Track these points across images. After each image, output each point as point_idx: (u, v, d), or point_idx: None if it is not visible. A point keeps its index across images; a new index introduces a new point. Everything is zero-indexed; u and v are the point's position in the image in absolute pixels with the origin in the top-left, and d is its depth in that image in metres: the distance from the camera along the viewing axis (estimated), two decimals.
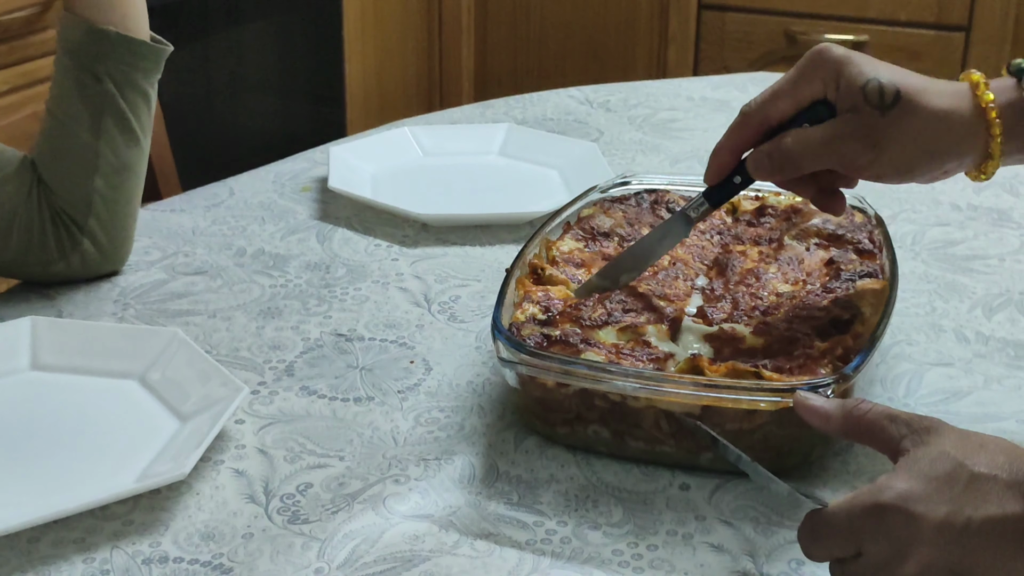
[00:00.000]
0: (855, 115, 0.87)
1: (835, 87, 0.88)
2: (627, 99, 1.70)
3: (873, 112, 0.87)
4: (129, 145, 1.14)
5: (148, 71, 1.13)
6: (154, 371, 0.99)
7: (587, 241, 1.07)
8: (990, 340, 1.08)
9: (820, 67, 0.89)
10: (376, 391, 1.00)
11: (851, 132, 0.88)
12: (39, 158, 1.14)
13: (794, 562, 0.81)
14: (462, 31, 3.11)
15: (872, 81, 0.87)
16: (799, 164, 0.90)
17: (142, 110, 1.14)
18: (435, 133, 1.52)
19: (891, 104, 0.86)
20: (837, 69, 0.88)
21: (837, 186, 0.95)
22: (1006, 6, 2.69)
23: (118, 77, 1.11)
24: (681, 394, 0.85)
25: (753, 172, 0.93)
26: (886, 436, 0.76)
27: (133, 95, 1.13)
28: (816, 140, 0.89)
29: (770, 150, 0.91)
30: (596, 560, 0.81)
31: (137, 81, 1.13)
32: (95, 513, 0.84)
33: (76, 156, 1.13)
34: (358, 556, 0.81)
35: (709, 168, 0.96)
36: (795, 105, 0.90)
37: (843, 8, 2.80)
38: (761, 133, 0.92)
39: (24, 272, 1.15)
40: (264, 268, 1.20)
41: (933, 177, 0.91)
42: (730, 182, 0.96)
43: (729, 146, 0.94)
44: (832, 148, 0.89)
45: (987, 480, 0.70)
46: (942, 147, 0.88)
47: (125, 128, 1.13)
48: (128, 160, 1.14)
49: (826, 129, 0.89)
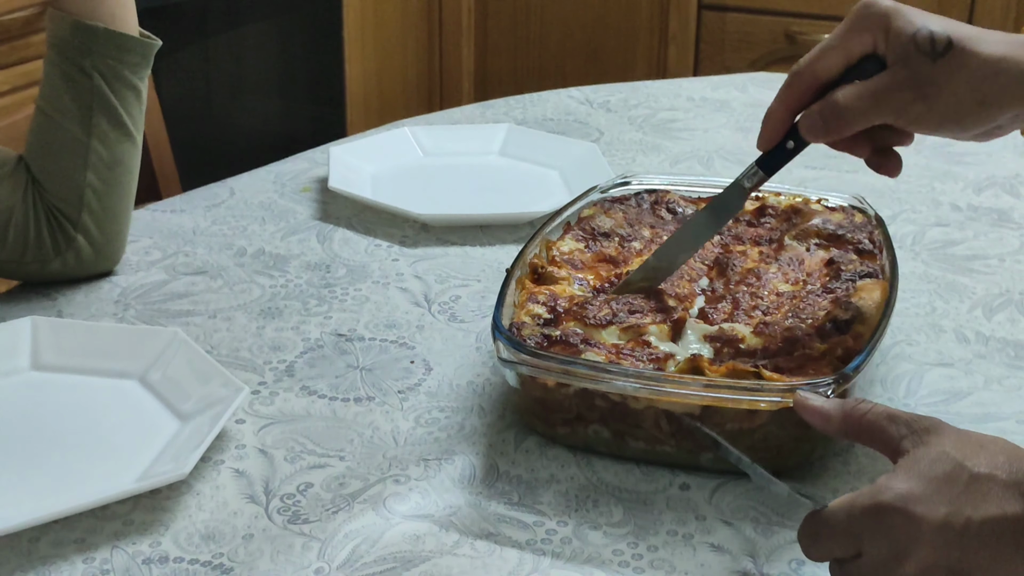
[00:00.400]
0: (905, 65, 0.85)
1: (884, 39, 0.86)
2: (627, 99, 1.70)
3: (924, 60, 0.84)
4: (120, 140, 1.14)
5: (136, 66, 1.13)
6: (154, 371, 0.99)
7: (587, 241, 1.07)
8: (990, 340, 1.08)
9: (868, 19, 0.87)
10: (376, 391, 1.00)
11: (902, 82, 0.85)
12: (30, 155, 1.14)
13: (794, 562, 0.81)
14: (462, 31, 3.11)
15: (923, 29, 0.85)
16: (851, 120, 0.88)
17: (132, 105, 1.14)
18: (435, 133, 1.52)
19: (943, 51, 0.84)
20: (885, 20, 0.86)
21: (892, 144, 0.92)
22: (1006, 6, 2.69)
23: (106, 72, 1.11)
24: (681, 394, 0.85)
25: (806, 134, 0.91)
26: (886, 436, 0.76)
27: (122, 89, 1.13)
28: (867, 93, 0.86)
29: (820, 108, 0.89)
30: (596, 560, 0.81)
31: (125, 75, 1.13)
32: (95, 513, 0.84)
33: (67, 152, 1.13)
34: (358, 556, 0.81)
35: (761, 134, 0.93)
36: (844, 60, 0.88)
37: (843, 8, 2.77)
38: (812, 93, 0.90)
39: (21, 272, 1.16)
40: (264, 268, 1.20)
41: (987, 132, 0.88)
42: (783, 148, 0.93)
43: (780, 109, 0.92)
44: (883, 100, 0.86)
45: (987, 480, 0.70)
46: (995, 96, 0.85)
47: (115, 123, 1.13)
48: (120, 155, 1.15)
49: (877, 81, 0.86)
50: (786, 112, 0.92)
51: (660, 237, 1.08)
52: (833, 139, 0.91)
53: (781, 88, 0.91)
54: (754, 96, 1.71)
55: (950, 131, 0.88)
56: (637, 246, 1.07)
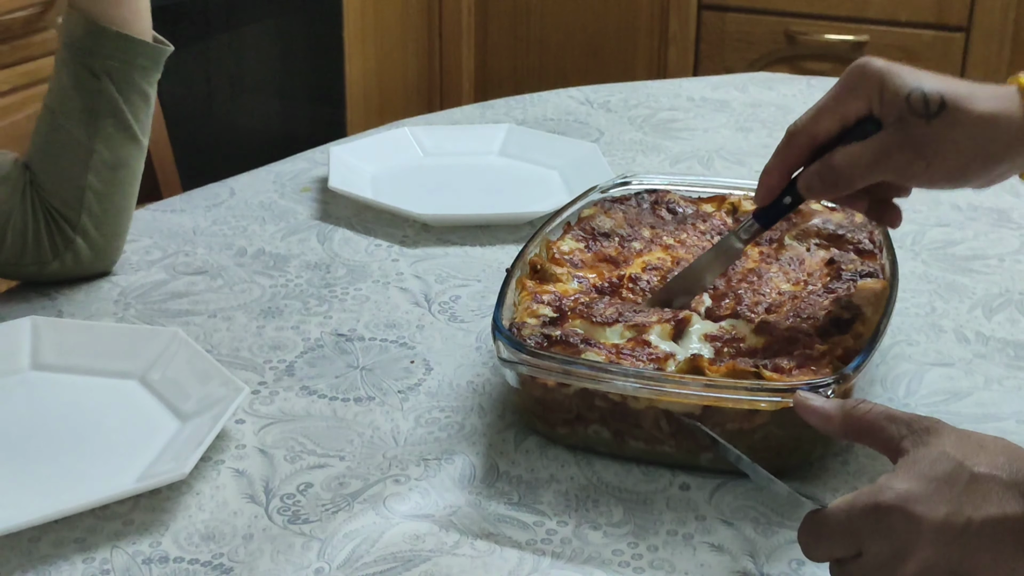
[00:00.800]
0: (901, 126, 0.86)
1: (879, 100, 0.87)
2: (627, 99, 1.70)
3: (919, 121, 0.86)
4: (125, 143, 1.14)
5: (147, 70, 1.14)
6: (154, 371, 0.99)
7: (587, 241, 1.07)
8: (990, 340, 1.08)
9: (862, 82, 0.88)
10: (376, 391, 1.00)
11: (899, 144, 0.87)
12: (33, 153, 1.14)
13: (794, 562, 0.81)
14: (462, 31, 3.11)
15: (916, 91, 0.86)
16: (851, 181, 0.90)
17: (140, 108, 1.14)
18: (435, 133, 1.52)
19: (936, 112, 0.86)
20: (879, 82, 0.87)
21: (891, 196, 0.95)
22: (1006, 6, 2.69)
23: (116, 75, 1.11)
24: (681, 394, 0.85)
25: (805, 192, 0.93)
26: (886, 436, 0.76)
27: (131, 93, 1.13)
28: (866, 156, 0.88)
29: (820, 170, 0.91)
30: (596, 560, 0.81)
31: (135, 79, 1.13)
32: (95, 513, 0.84)
33: (70, 151, 1.13)
34: (358, 556, 0.81)
35: (759, 190, 0.95)
36: (840, 123, 0.90)
37: (843, 8, 2.80)
38: (808, 152, 0.92)
39: (20, 273, 1.16)
40: (264, 268, 1.20)
41: (988, 180, 0.90)
42: (780, 203, 0.95)
43: (777, 167, 0.94)
44: (882, 162, 0.88)
45: (987, 480, 0.70)
46: (992, 151, 0.87)
47: (121, 125, 1.13)
48: (123, 157, 1.14)
49: (874, 143, 0.88)
50: (784, 170, 0.94)
51: (660, 237, 1.09)
52: (831, 197, 0.94)
53: (779, 146, 0.93)
54: (754, 96, 1.71)
55: (949, 185, 0.90)
56: (637, 246, 1.07)
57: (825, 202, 1.08)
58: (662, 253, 1.06)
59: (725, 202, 1.15)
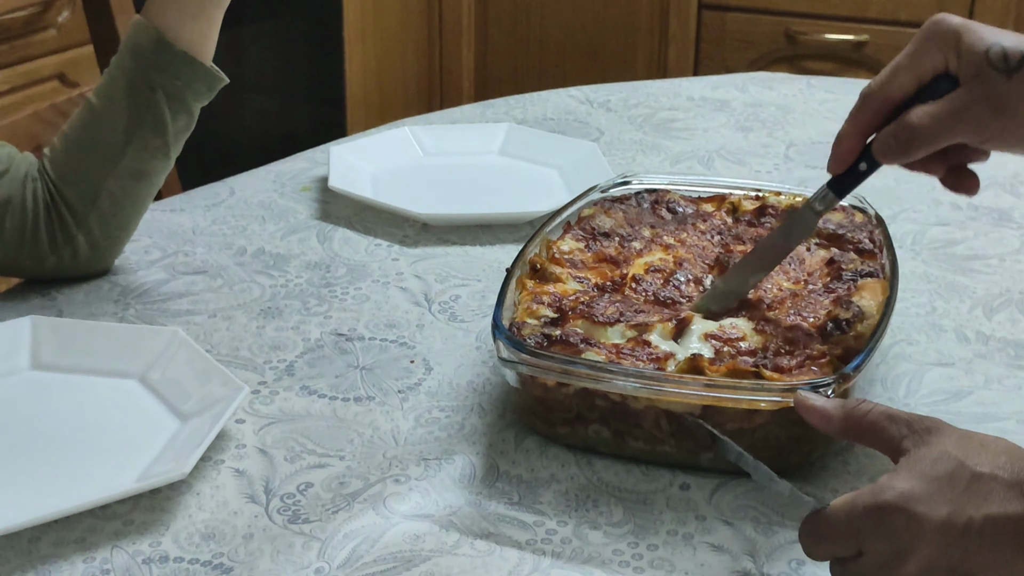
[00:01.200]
0: (980, 82, 0.84)
1: (956, 57, 0.85)
2: (627, 99, 1.70)
3: (999, 77, 0.83)
4: (156, 156, 1.15)
5: (199, 94, 1.15)
6: (154, 371, 0.99)
7: (587, 241, 1.07)
8: (990, 340, 1.08)
9: (937, 38, 0.85)
10: (376, 391, 1.00)
11: (977, 100, 0.84)
12: (61, 143, 1.15)
13: (794, 562, 0.81)
14: (462, 31, 3.11)
15: (995, 45, 0.83)
16: (927, 141, 0.86)
17: (181, 128, 1.15)
18: (435, 133, 1.52)
19: (1017, 67, 0.83)
20: (956, 38, 0.85)
21: (967, 161, 0.91)
22: (1006, 6, 2.69)
23: (170, 91, 1.12)
24: (681, 394, 0.85)
25: (880, 156, 0.89)
26: (886, 436, 0.76)
27: (180, 113, 1.14)
28: (942, 113, 0.85)
29: (895, 131, 0.87)
30: (596, 560, 0.81)
31: (187, 100, 1.14)
32: (95, 513, 0.84)
33: (101, 151, 1.13)
34: (358, 556, 0.81)
35: (833, 157, 0.92)
36: (916, 80, 0.87)
37: (843, 8, 2.80)
38: (883, 115, 0.89)
39: (17, 268, 1.16)
40: (264, 268, 1.20)
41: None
42: (855, 170, 0.92)
43: (852, 132, 0.90)
44: (959, 119, 0.85)
45: (989, 480, 0.70)
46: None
47: (159, 139, 1.14)
48: (149, 170, 1.15)
49: (951, 101, 0.85)
50: (859, 134, 0.90)
51: (660, 237, 1.09)
52: (908, 160, 0.89)
53: (852, 110, 0.90)
54: (754, 96, 1.71)
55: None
56: (637, 246, 1.07)
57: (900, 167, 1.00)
58: (662, 253, 1.06)
59: (725, 202, 1.15)
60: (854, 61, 2.80)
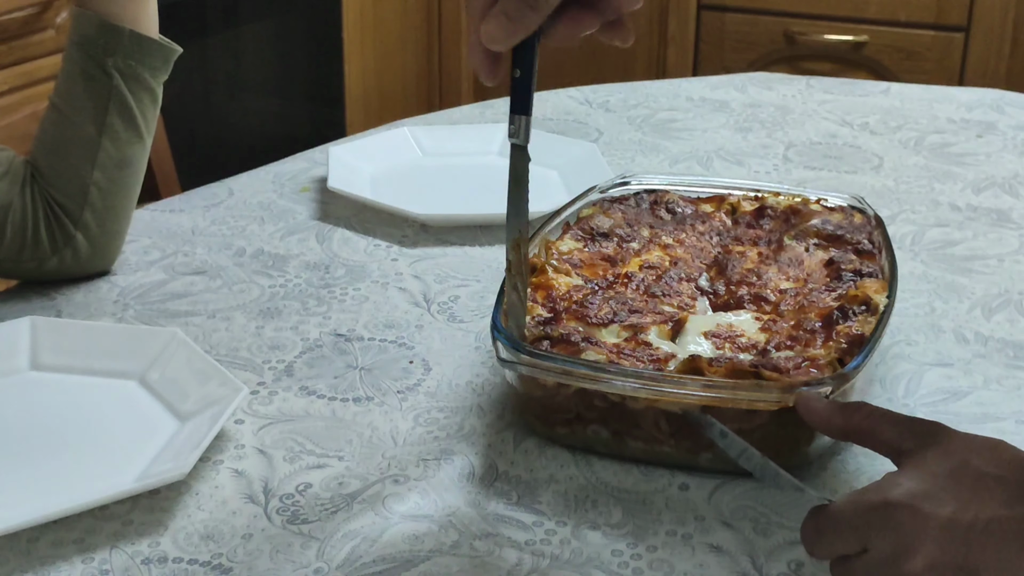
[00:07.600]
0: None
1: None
2: (627, 99, 1.70)
3: None
4: (131, 141, 1.15)
5: (156, 69, 1.15)
6: (154, 371, 0.99)
7: (586, 241, 1.07)
8: (989, 340, 1.08)
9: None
10: (375, 391, 1.00)
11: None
12: (38, 150, 1.15)
13: (794, 563, 0.81)
14: (462, 31, 3.11)
15: None
16: None
17: (147, 107, 1.15)
18: (435, 133, 1.52)
19: None
20: None
21: (623, 11, 0.80)
22: (1006, 6, 2.69)
23: (127, 72, 1.12)
24: (681, 394, 0.85)
25: (487, 41, 0.78)
26: (886, 438, 0.76)
27: (140, 91, 1.14)
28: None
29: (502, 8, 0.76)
30: (595, 560, 0.81)
31: (145, 78, 1.14)
32: (95, 513, 0.84)
33: (77, 148, 1.13)
34: (357, 556, 0.81)
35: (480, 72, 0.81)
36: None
37: (843, 8, 2.80)
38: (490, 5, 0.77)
39: (18, 270, 1.16)
40: (264, 268, 1.20)
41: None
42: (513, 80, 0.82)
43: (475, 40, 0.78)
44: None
45: (994, 480, 0.70)
46: None
47: (129, 123, 1.14)
48: (129, 155, 1.15)
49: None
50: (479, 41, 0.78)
51: (659, 237, 1.09)
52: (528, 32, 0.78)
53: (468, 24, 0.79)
54: (753, 96, 1.71)
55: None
56: (636, 246, 1.07)
57: None
58: (661, 253, 1.06)
59: (724, 202, 1.15)
60: (853, 61, 2.81)
